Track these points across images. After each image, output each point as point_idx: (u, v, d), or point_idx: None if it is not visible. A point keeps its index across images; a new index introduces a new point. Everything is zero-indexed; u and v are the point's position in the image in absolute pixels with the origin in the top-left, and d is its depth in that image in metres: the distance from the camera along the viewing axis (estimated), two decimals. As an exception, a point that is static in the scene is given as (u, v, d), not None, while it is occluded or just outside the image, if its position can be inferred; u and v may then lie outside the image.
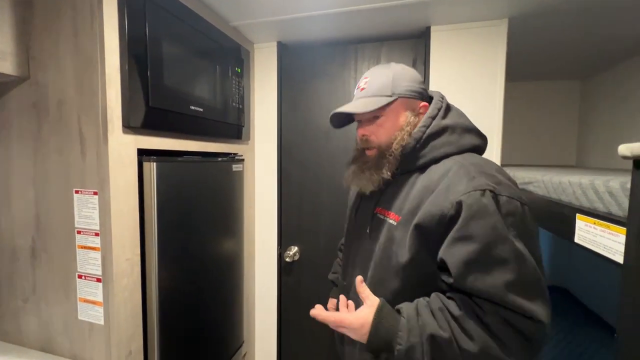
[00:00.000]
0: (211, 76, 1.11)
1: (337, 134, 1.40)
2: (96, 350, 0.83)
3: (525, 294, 0.54)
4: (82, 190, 0.80)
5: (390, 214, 0.71)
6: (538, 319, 0.54)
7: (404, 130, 0.71)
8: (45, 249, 0.85)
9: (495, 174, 0.62)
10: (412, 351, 0.57)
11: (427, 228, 0.61)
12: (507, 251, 0.55)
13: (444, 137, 0.70)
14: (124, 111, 0.79)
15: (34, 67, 0.81)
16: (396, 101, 0.72)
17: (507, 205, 0.57)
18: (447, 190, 0.61)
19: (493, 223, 0.55)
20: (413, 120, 0.72)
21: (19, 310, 0.89)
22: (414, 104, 0.74)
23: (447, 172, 0.64)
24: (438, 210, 0.60)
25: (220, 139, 1.22)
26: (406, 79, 0.73)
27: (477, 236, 0.56)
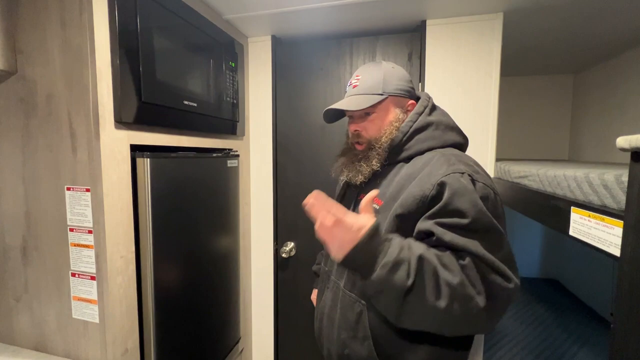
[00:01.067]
0: (204, 71, 1.10)
1: (332, 128, 1.39)
2: (91, 349, 0.82)
3: (498, 257, 0.59)
4: (73, 187, 0.78)
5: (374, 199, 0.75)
6: (508, 277, 0.59)
7: (392, 126, 0.77)
8: (36, 247, 0.84)
9: (472, 165, 0.69)
10: (398, 265, 0.57)
11: (406, 210, 0.66)
12: (488, 223, 0.60)
13: (429, 131, 0.76)
14: (115, 106, 0.78)
15: (21, 61, 0.79)
16: (386, 99, 0.78)
17: (482, 189, 0.63)
18: (429, 175, 0.66)
19: (473, 199, 0.61)
20: (402, 116, 0.79)
21: (11, 310, 0.88)
22: (403, 101, 0.80)
23: (430, 161, 0.70)
24: (419, 192, 0.65)
25: (214, 134, 1.21)
26: (396, 78, 0.79)
27: (461, 211, 0.60)
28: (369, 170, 0.78)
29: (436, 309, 0.56)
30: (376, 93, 0.77)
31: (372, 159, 0.77)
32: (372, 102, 0.76)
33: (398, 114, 0.78)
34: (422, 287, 0.56)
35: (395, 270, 0.56)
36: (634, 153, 0.40)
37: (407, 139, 0.76)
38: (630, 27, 1.31)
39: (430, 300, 0.56)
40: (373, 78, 0.79)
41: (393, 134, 0.77)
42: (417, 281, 0.56)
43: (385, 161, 0.78)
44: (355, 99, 0.78)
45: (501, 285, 0.58)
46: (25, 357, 0.84)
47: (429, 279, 0.57)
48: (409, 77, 0.82)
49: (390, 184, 0.74)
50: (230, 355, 1.33)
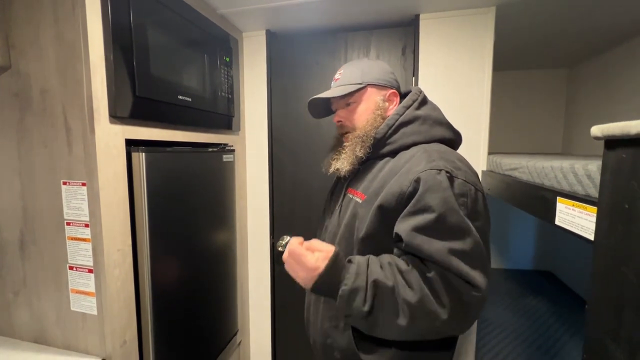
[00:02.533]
0: (199, 65, 1.10)
1: (328, 122, 1.40)
2: (90, 340, 0.83)
3: (466, 262, 0.59)
4: (69, 181, 0.79)
5: (357, 193, 0.77)
6: (475, 284, 0.59)
7: (375, 114, 0.78)
8: (34, 242, 0.85)
9: (455, 161, 0.68)
10: (354, 294, 0.61)
11: (387, 206, 0.67)
12: (455, 223, 0.60)
13: (415, 125, 0.76)
14: (110, 101, 0.78)
15: (14, 56, 0.79)
16: (365, 88, 0.80)
17: (460, 186, 0.63)
18: (407, 171, 0.66)
19: (445, 197, 0.61)
20: (383, 104, 0.79)
21: (10, 304, 0.89)
22: (383, 91, 0.81)
23: (412, 157, 0.70)
24: (398, 189, 0.66)
25: (209, 129, 1.21)
26: (375, 70, 0.81)
27: (429, 207, 0.61)
28: (353, 157, 0.78)
29: (399, 327, 0.60)
30: (355, 83, 0.80)
31: (356, 147, 0.78)
32: (349, 90, 0.79)
33: (379, 102, 0.79)
34: (381, 309, 0.61)
35: (352, 299, 0.61)
36: (607, 141, 0.41)
37: (392, 132, 0.76)
38: (624, 20, 1.33)
39: (391, 320, 0.60)
40: (352, 71, 0.81)
41: (377, 121, 0.77)
42: (375, 305, 0.60)
43: (369, 151, 0.77)
44: (335, 89, 0.82)
45: (468, 294, 0.59)
46: (25, 350, 0.85)
47: (388, 301, 0.60)
48: (390, 70, 0.84)
49: (375, 178, 0.74)
50: (228, 347, 1.35)
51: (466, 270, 0.58)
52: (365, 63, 0.82)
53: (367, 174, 0.78)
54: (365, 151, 0.77)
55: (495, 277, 2.23)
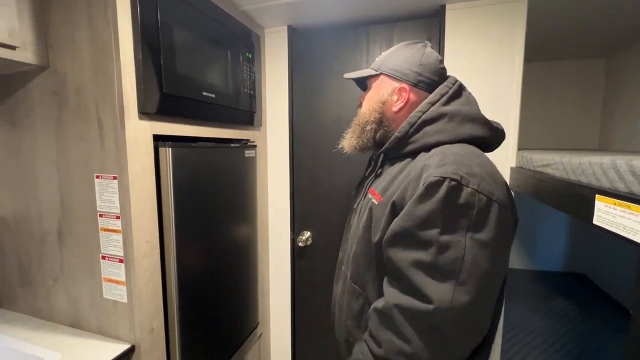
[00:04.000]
0: (222, 62, 1.12)
1: (350, 117, 1.38)
2: (121, 327, 0.87)
3: (429, 274, 0.56)
4: (102, 175, 0.83)
5: (375, 194, 0.74)
6: (431, 299, 0.55)
7: (374, 106, 0.76)
8: (70, 232, 0.90)
9: (472, 165, 0.59)
10: None
11: (398, 211, 0.64)
12: (432, 237, 0.57)
13: (440, 124, 0.68)
14: (139, 97, 0.81)
15: (52, 56, 0.83)
16: (379, 76, 0.77)
17: (468, 196, 0.56)
18: (419, 176, 0.62)
19: (432, 208, 0.57)
20: (386, 97, 0.75)
21: (49, 289, 0.95)
22: (394, 83, 0.75)
23: (428, 159, 0.64)
24: (409, 195, 0.62)
25: (232, 125, 1.23)
26: (398, 58, 0.75)
27: (414, 216, 0.59)
28: (349, 144, 0.80)
29: None
30: (372, 68, 0.79)
31: (354, 134, 0.79)
32: (362, 74, 0.80)
33: (382, 95, 0.75)
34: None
35: None
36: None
37: (414, 131, 0.70)
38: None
39: None
40: (383, 55, 0.80)
41: (372, 115, 0.76)
42: None
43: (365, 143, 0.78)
44: (361, 70, 0.83)
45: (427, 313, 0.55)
46: (62, 333, 0.91)
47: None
48: (420, 62, 0.73)
49: (394, 180, 0.70)
50: (249, 339, 1.38)
51: (422, 282, 0.56)
52: (395, 48, 0.78)
53: (387, 174, 0.75)
54: (362, 143, 0.78)
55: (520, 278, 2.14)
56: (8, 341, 0.86)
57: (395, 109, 0.75)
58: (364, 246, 0.73)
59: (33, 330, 0.92)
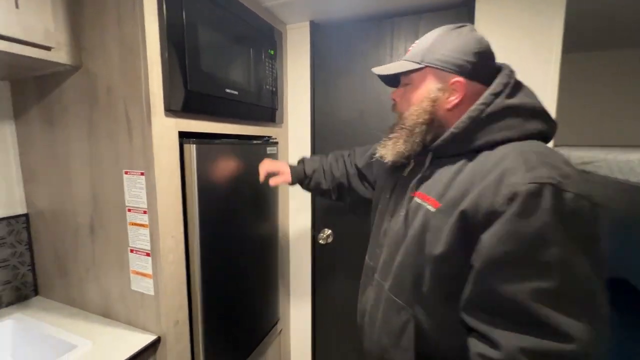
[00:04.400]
0: (245, 59, 1.12)
1: (372, 113, 1.36)
2: (148, 318, 0.90)
3: (559, 307, 0.47)
4: (130, 171, 0.85)
5: (429, 199, 0.64)
6: (571, 336, 0.46)
7: (421, 105, 0.65)
8: (101, 225, 0.93)
9: (561, 165, 0.53)
10: None
11: (472, 222, 0.54)
12: (552, 257, 0.48)
13: (506, 119, 0.60)
14: (165, 95, 0.83)
15: (85, 57, 0.87)
16: (424, 70, 0.66)
17: (572, 203, 0.48)
18: (499, 181, 0.52)
19: (543, 223, 0.48)
20: (437, 95, 0.64)
21: (83, 280, 1.00)
22: (446, 77, 0.64)
23: (502, 160, 0.55)
24: (487, 204, 0.52)
25: (254, 122, 1.24)
26: (445, 46, 0.64)
27: (519, 237, 0.49)
28: (396, 151, 0.69)
29: None
30: (414, 60, 0.66)
31: (399, 139, 0.68)
32: (402, 68, 0.67)
33: (432, 91, 0.64)
34: None
35: None
36: None
37: (477, 127, 0.60)
38: None
39: None
40: (422, 44, 0.67)
41: (421, 116, 0.65)
42: None
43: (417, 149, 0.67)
44: (394, 64, 0.70)
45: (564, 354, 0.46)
46: (94, 322, 0.95)
47: None
48: (473, 49, 0.63)
49: (452, 183, 0.61)
50: (269, 334, 1.39)
51: (555, 317, 0.47)
52: (440, 35, 0.65)
53: (440, 175, 0.65)
54: (410, 148, 0.67)
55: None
56: (44, 327, 0.91)
57: (449, 106, 0.64)
58: (413, 257, 0.65)
59: (67, 318, 0.97)
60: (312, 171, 1.06)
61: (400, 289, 0.67)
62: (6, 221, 1.02)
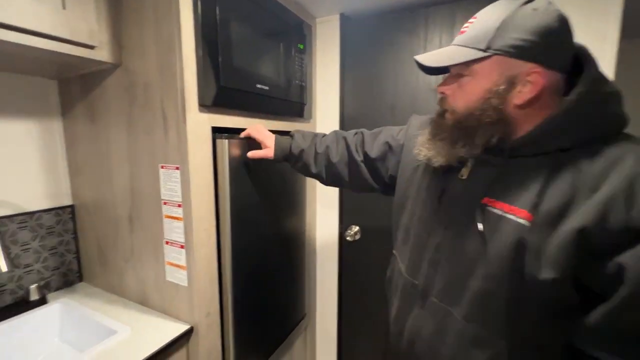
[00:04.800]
0: (275, 54, 1.12)
1: (403, 108, 1.31)
2: (181, 308, 0.93)
3: None
4: (166, 165, 0.88)
5: (516, 210, 0.53)
6: None
7: (487, 102, 0.54)
8: (139, 218, 0.97)
9: None
10: None
11: (596, 242, 0.45)
12: None
13: (606, 109, 0.50)
14: (199, 91, 0.84)
15: (124, 55, 0.90)
16: (490, 59, 0.53)
17: None
18: (630, 191, 0.44)
19: None
20: (507, 89, 0.52)
21: (122, 269, 1.05)
22: (519, 67, 0.51)
23: (620, 164, 0.47)
24: (620, 220, 0.44)
25: (284, 117, 1.24)
26: (520, 29, 0.50)
27: None
28: (450, 154, 0.59)
29: None
30: (476, 47, 0.53)
31: (457, 141, 0.57)
32: (463, 58, 0.54)
33: (500, 84, 0.52)
34: None
35: None
36: None
37: (571, 119, 0.50)
38: None
39: None
40: (486, 24, 0.53)
41: (485, 114, 0.54)
42: None
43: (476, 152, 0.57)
44: (447, 50, 0.58)
45: None
46: (131, 309, 1.00)
47: None
48: (555, 30, 0.50)
49: (546, 190, 0.50)
50: (296, 329, 1.40)
51: None
52: (512, 12, 0.51)
53: (519, 179, 0.54)
54: (469, 152, 0.57)
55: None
56: (88, 312, 0.97)
57: (520, 101, 0.52)
58: (506, 282, 0.54)
59: (108, 304, 1.02)
60: (299, 150, 0.92)
61: (485, 318, 0.57)
62: (54, 212, 1.09)
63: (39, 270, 1.06)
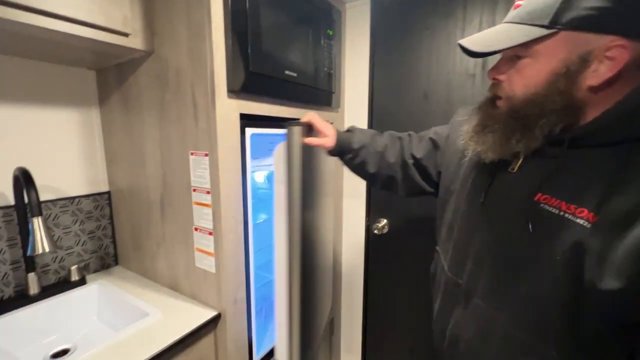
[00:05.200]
0: (304, 40, 1.09)
1: (438, 95, 1.24)
2: (210, 295, 0.94)
3: None
4: (195, 152, 0.88)
5: (572, 207, 0.46)
6: None
7: (553, 86, 0.46)
8: (170, 204, 0.99)
9: None
10: None
11: None
12: None
13: None
14: (228, 76, 0.83)
15: (156, 42, 0.91)
16: (556, 36, 0.45)
17: None
18: None
19: None
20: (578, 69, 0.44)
21: (154, 254, 1.08)
22: (594, 41, 0.43)
23: None
24: None
25: (311, 105, 1.21)
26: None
27: None
28: (507, 151, 0.52)
29: None
30: (537, 24, 0.46)
31: (513, 133, 0.51)
32: (518, 39, 0.47)
33: (570, 64, 0.45)
34: None
35: None
36: None
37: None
38: None
39: None
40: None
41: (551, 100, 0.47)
42: None
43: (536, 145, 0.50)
44: (497, 31, 0.51)
45: None
46: (162, 294, 1.02)
47: None
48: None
49: (614, 188, 0.43)
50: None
51: None
52: None
53: (581, 173, 0.48)
54: (527, 145, 0.50)
55: None
56: (122, 294, 1.00)
57: (595, 82, 0.45)
58: (561, 289, 0.48)
59: (141, 288, 1.05)
60: (360, 145, 0.84)
61: (534, 326, 0.51)
62: (92, 197, 1.14)
63: (79, 253, 1.11)
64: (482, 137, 0.56)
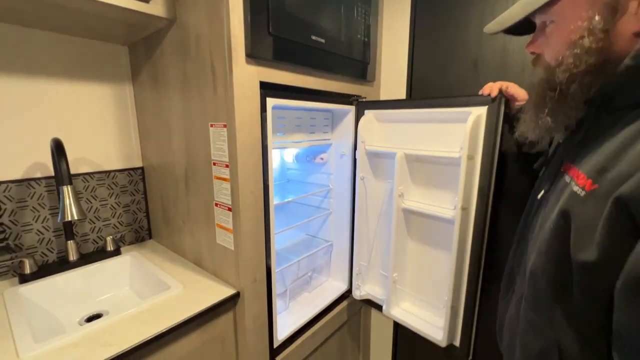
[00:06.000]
0: (335, 2, 0.98)
1: (489, 63, 1.07)
2: (229, 272, 0.91)
3: None
4: (215, 123, 0.84)
5: (581, 175, 0.43)
6: None
7: (578, 46, 0.43)
8: (194, 179, 0.97)
9: None
10: None
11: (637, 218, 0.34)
12: None
13: None
14: (246, 39, 0.76)
15: (178, 9, 0.87)
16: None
17: None
18: None
19: None
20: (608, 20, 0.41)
21: (181, 229, 1.08)
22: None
23: None
24: None
25: (341, 76, 1.10)
26: None
27: None
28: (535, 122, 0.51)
29: None
30: None
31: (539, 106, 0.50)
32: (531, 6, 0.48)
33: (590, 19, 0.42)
34: None
35: None
36: None
37: None
38: None
39: None
40: None
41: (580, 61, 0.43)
42: None
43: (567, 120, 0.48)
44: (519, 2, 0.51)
45: None
46: (187, 269, 1.02)
47: None
48: None
49: (621, 152, 0.39)
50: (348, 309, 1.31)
51: None
52: None
53: (596, 139, 0.44)
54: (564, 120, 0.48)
55: None
56: (151, 267, 1.02)
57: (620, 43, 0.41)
58: (551, 259, 0.46)
59: (168, 262, 1.07)
60: None
61: (536, 301, 0.49)
62: (127, 172, 1.17)
63: (115, 225, 1.16)
64: (523, 116, 0.55)
